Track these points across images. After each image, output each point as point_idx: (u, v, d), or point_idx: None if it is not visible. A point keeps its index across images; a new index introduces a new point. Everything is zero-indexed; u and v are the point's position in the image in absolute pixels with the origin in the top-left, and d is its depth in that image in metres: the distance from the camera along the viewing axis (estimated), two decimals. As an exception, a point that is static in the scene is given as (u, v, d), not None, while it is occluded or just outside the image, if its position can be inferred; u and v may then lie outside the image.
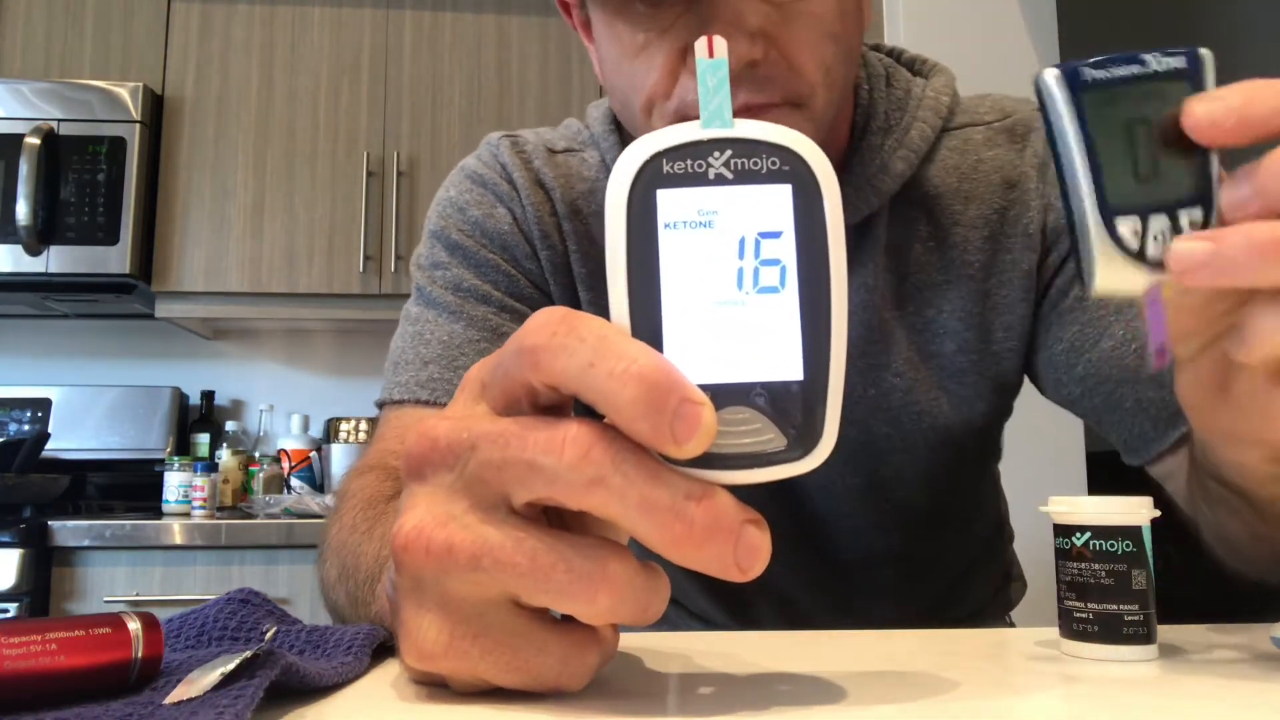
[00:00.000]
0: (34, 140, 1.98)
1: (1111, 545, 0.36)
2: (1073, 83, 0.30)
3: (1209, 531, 0.51)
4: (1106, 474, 0.35)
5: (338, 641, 0.35)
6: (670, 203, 0.28)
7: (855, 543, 0.69)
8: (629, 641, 0.42)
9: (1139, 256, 0.30)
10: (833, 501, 0.67)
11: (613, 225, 0.28)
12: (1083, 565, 0.37)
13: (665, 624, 0.76)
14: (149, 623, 0.29)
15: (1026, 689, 0.31)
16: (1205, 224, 0.30)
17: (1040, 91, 0.31)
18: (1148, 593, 0.36)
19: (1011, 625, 0.82)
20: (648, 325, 0.27)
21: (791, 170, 0.27)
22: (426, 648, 0.28)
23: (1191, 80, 0.30)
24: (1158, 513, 0.37)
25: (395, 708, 0.29)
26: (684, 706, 0.29)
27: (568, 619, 0.28)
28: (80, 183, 2.02)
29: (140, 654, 0.28)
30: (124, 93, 2.07)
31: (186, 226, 2.13)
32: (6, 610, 1.68)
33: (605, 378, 0.25)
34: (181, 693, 0.26)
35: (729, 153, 0.28)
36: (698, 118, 0.39)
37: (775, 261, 0.27)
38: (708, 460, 0.26)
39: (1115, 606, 0.36)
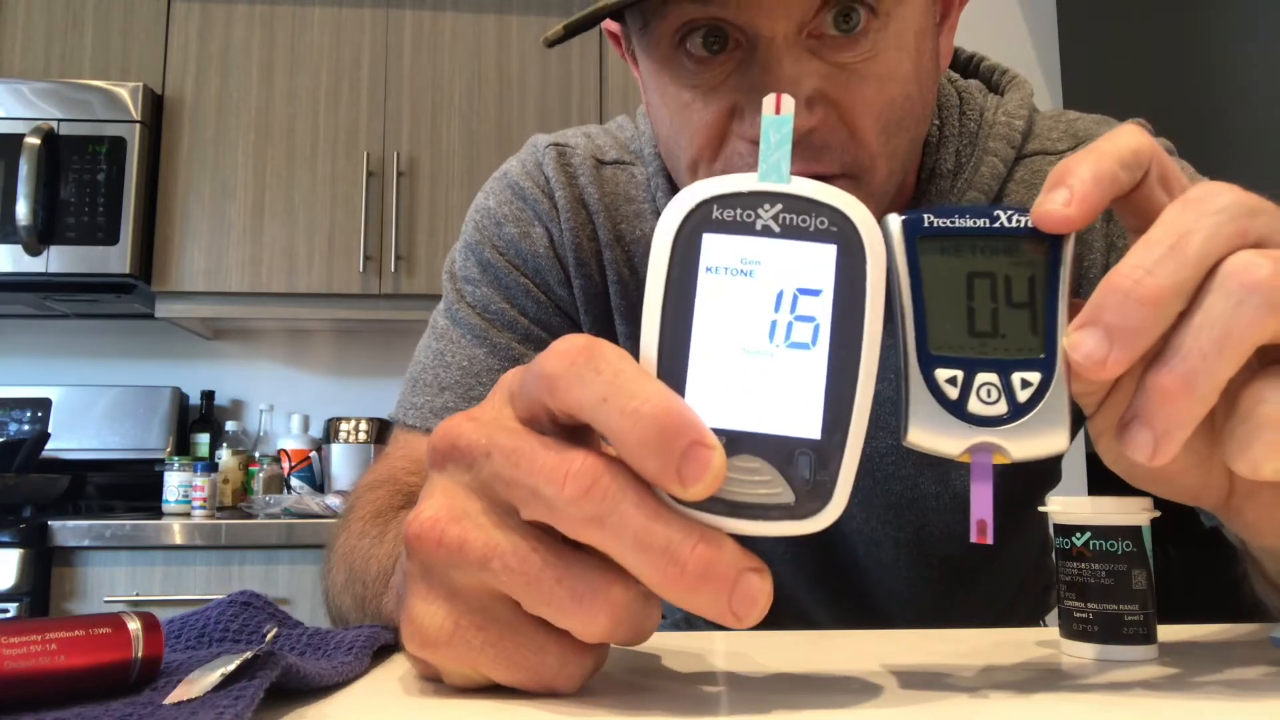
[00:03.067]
0: (34, 140, 1.98)
1: (1111, 545, 0.36)
2: (912, 228, 0.30)
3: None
4: (1106, 474, 0.35)
5: (338, 643, 0.35)
6: (714, 247, 0.28)
7: (898, 589, 0.68)
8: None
9: (958, 410, 0.29)
10: (877, 551, 0.65)
11: (656, 261, 0.28)
12: (1083, 565, 0.37)
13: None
14: (149, 623, 0.28)
15: (1026, 689, 0.31)
16: (1041, 388, 0.29)
17: (881, 231, 0.30)
18: (1148, 593, 0.36)
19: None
20: (674, 364, 0.27)
21: (839, 231, 0.28)
22: (430, 634, 0.29)
23: (1049, 241, 0.30)
24: (1158, 513, 0.37)
25: (396, 707, 0.29)
26: (685, 704, 0.29)
27: None
28: (80, 183, 2.03)
29: (140, 654, 0.28)
30: (124, 93, 2.07)
31: (186, 226, 2.13)
32: (6, 610, 1.69)
33: (617, 414, 0.26)
34: (181, 693, 0.26)
35: (779, 207, 0.28)
36: None
37: (810, 319, 0.27)
38: (714, 505, 0.26)
39: (1115, 606, 0.36)
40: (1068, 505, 0.38)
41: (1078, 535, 0.37)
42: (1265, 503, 0.32)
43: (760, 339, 0.27)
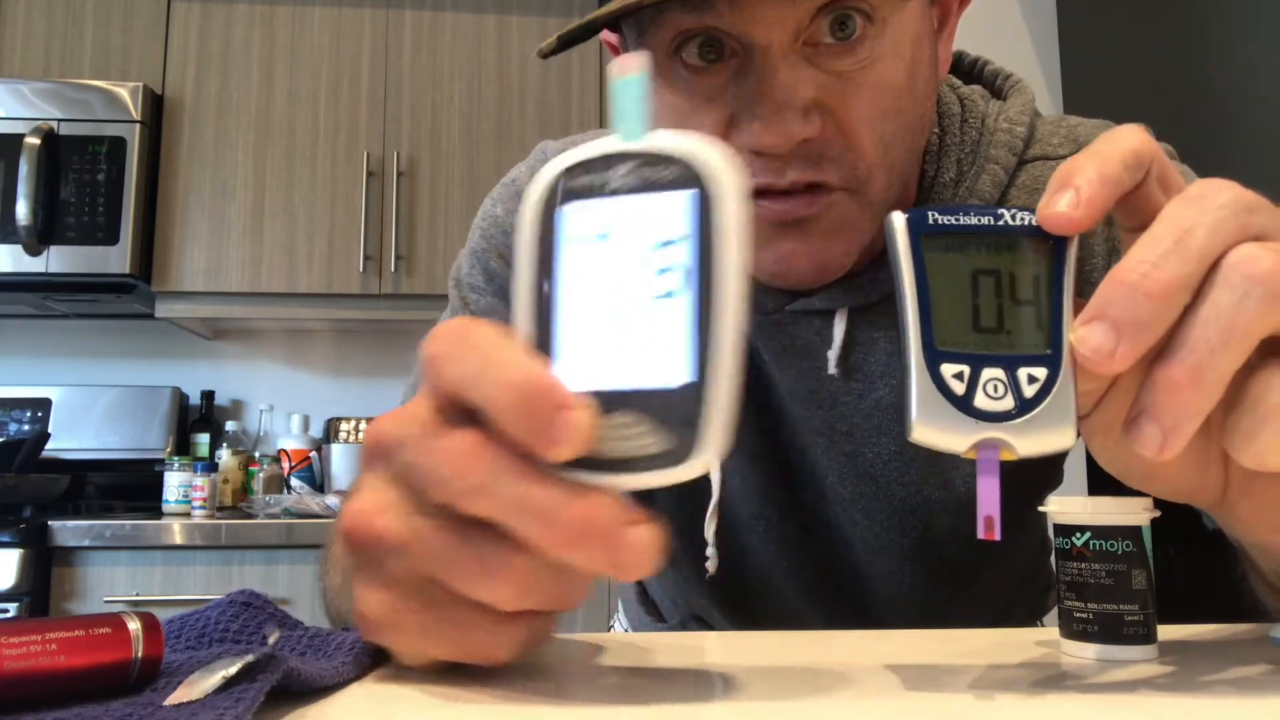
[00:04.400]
0: (34, 140, 1.98)
1: (1111, 545, 0.36)
2: (917, 226, 0.30)
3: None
4: (1107, 474, 0.35)
5: (339, 644, 0.35)
6: (575, 215, 0.29)
7: (899, 597, 0.67)
8: (634, 639, 0.42)
9: (964, 405, 0.29)
10: (880, 560, 0.65)
11: (522, 238, 0.29)
12: (1083, 565, 0.37)
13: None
14: (149, 623, 0.28)
15: (1026, 689, 0.31)
16: (1048, 384, 0.29)
17: (886, 231, 0.30)
18: (1148, 593, 0.36)
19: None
20: (546, 334, 0.28)
21: (690, 179, 0.28)
22: (373, 620, 0.31)
23: (1052, 239, 0.30)
24: (1158, 513, 0.37)
25: (396, 707, 0.29)
26: (683, 705, 0.29)
27: None
28: (80, 183, 2.03)
29: (140, 654, 0.28)
30: (124, 93, 2.07)
31: (186, 226, 2.13)
32: (6, 610, 1.69)
33: (488, 386, 0.27)
34: (182, 694, 0.26)
35: (630, 165, 0.28)
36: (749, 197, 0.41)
37: (672, 269, 0.27)
38: (594, 464, 0.27)
39: (1115, 606, 0.36)
40: (1068, 505, 0.38)
41: (1078, 535, 0.37)
42: (1260, 499, 0.33)
43: (627, 296, 0.28)
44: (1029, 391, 0.29)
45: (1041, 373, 0.29)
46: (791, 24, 0.45)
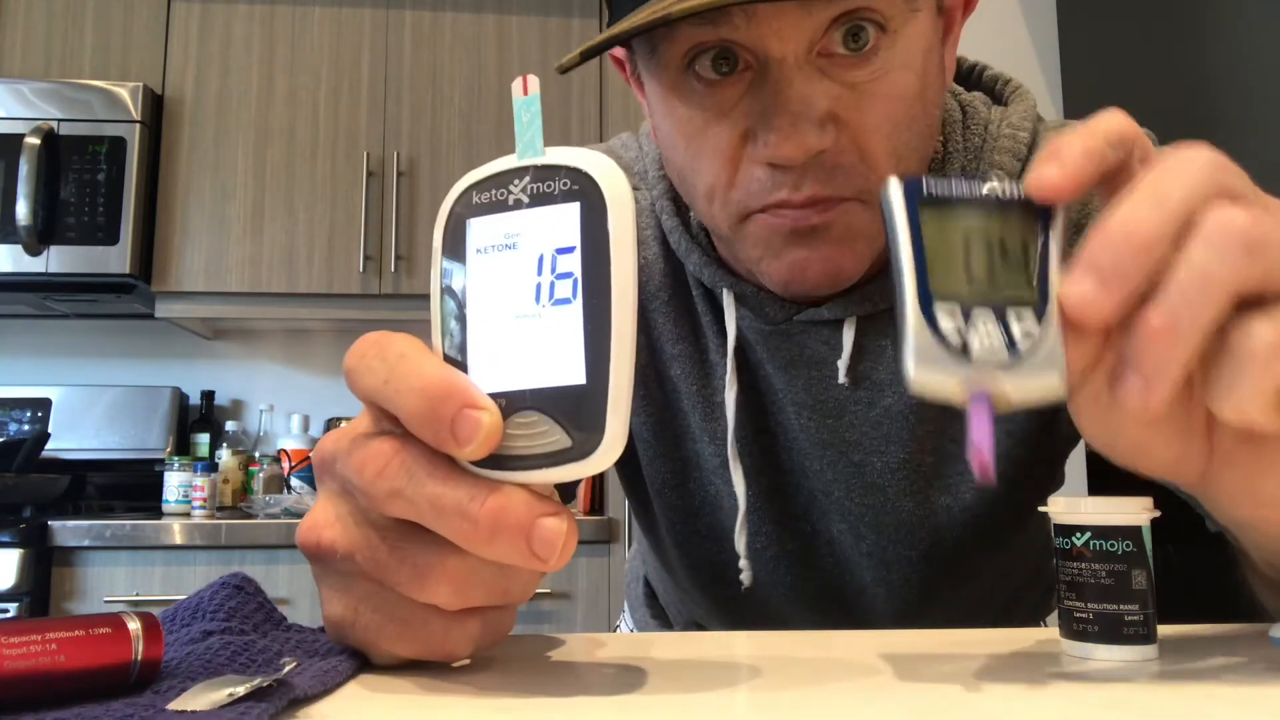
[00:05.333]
0: (34, 140, 1.98)
1: (1111, 545, 0.36)
2: (912, 190, 0.31)
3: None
4: (1106, 474, 0.35)
5: (329, 646, 0.35)
6: (479, 229, 0.31)
7: (903, 605, 0.66)
8: (635, 637, 0.42)
9: (958, 352, 0.29)
10: (888, 573, 0.64)
11: (434, 253, 0.31)
12: (1083, 565, 0.37)
13: None
14: (149, 623, 0.28)
15: (1026, 689, 0.31)
16: (1040, 335, 0.30)
17: (881, 197, 0.31)
18: (1148, 593, 0.36)
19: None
20: (455, 342, 0.30)
21: (581, 189, 0.30)
22: (336, 623, 0.33)
23: (1040, 211, 0.31)
24: (1158, 513, 0.37)
25: (396, 706, 0.29)
26: (683, 704, 0.29)
27: None
28: (80, 183, 2.03)
29: (140, 655, 0.28)
30: (124, 93, 2.07)
31: (186, 226, 2.13)
32: (6, 610, 1.69)
33: (395, 394, 0.29)
34: (186, 703, 0.26)
35: (527, 179, 0.30)
36: (764, 210, 0.46)
37: (569, 275, 0.29)
38: (502, 462, 0.29)
39: (1115, 606, 0.36)
40: (1068, 505, 0.38)
41: (1078, 535, 0.37)
42: (1244, 468, 0.33)
43: (528, 303, 0.29)
44: (1021, 342, 0.30)
45: (1033, 324, 0.30)
46: (806, 35, 0.45)
